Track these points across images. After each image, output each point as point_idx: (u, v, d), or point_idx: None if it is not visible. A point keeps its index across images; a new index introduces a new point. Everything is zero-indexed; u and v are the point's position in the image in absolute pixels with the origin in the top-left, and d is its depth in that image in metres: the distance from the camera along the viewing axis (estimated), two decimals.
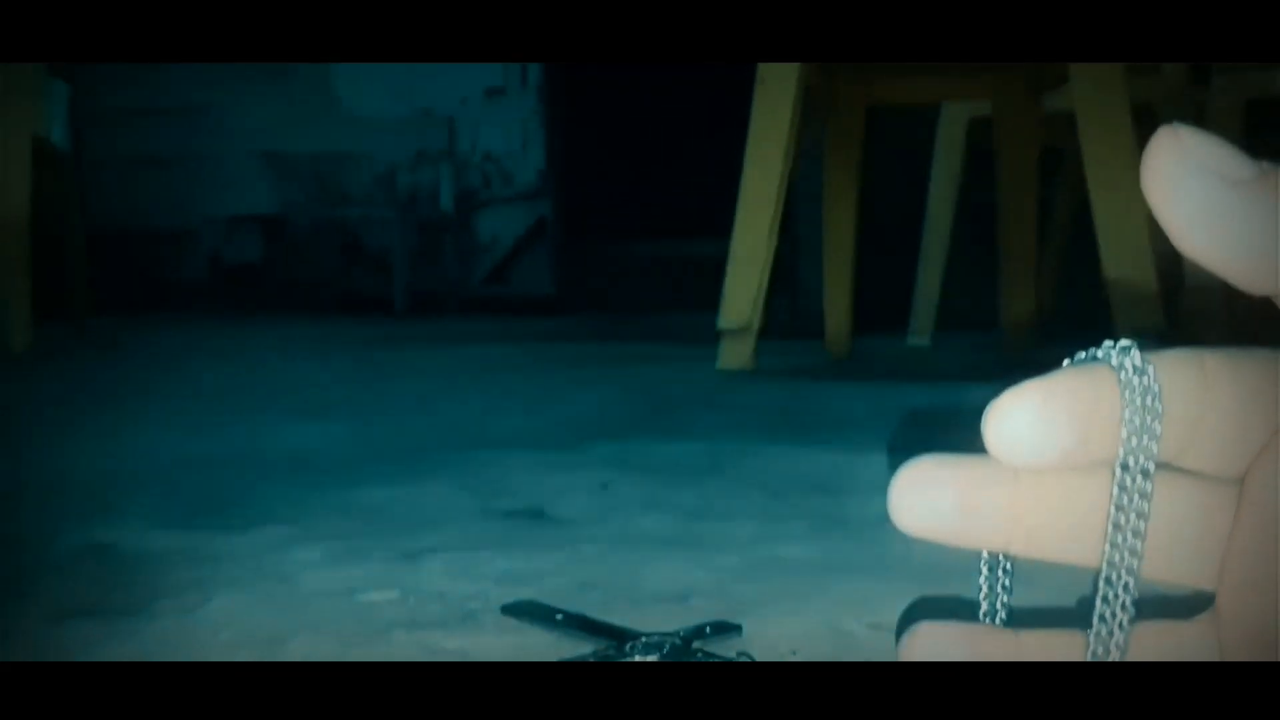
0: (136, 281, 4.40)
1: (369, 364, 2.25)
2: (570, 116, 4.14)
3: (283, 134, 4.28)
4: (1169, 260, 1.69)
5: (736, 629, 0.60)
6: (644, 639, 0.57)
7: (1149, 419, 0.22)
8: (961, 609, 0.25)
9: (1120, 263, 1.67)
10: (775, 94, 1.77)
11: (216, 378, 2.01)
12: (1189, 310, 1.96)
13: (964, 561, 0.25)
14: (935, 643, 0.24)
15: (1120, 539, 0.23)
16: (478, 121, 4.11)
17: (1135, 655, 0.23)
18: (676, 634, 0.58)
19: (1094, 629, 0.23)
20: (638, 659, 0.55)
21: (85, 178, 4.50)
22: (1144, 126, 1.63)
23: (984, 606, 0.25)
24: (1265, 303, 0.22)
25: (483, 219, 4.15)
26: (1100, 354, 0.23)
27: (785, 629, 0.61)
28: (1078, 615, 0.24)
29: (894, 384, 1.82)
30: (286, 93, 4.34)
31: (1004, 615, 0.25)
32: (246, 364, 2.26)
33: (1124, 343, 0.23)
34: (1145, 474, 0.23)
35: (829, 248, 2.19)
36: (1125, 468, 0.23)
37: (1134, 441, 0.22)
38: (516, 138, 4.08)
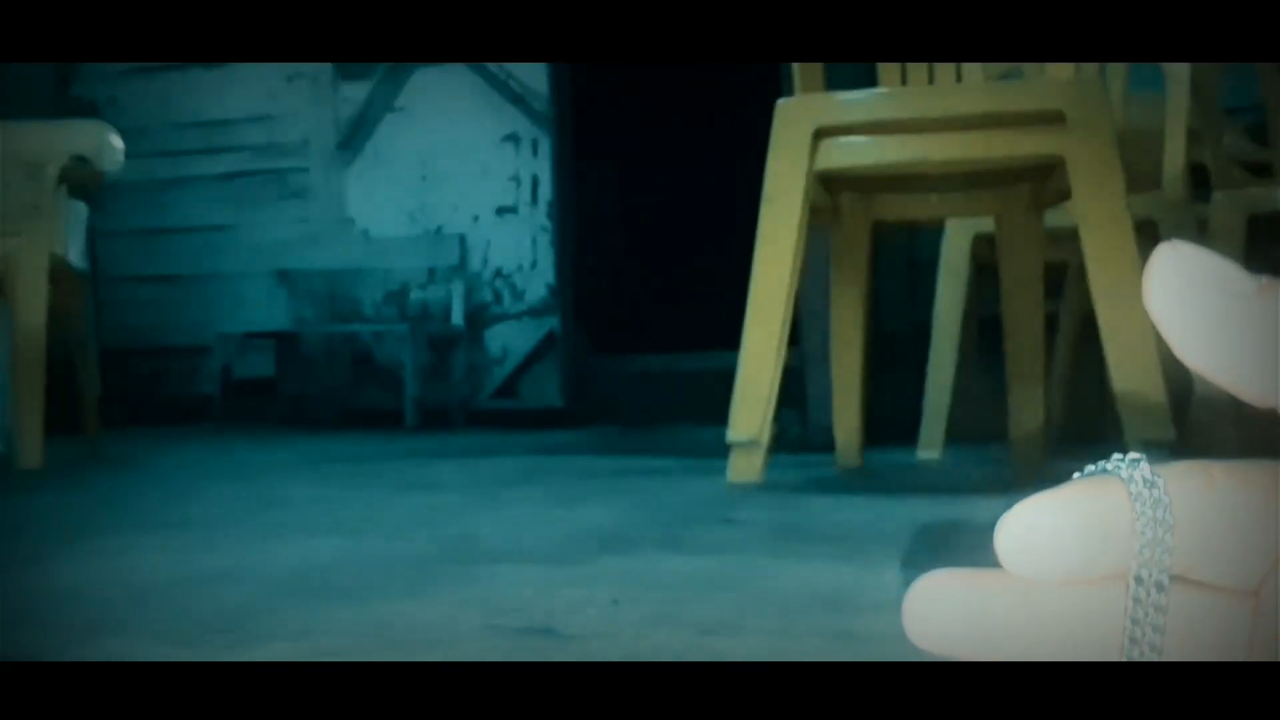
0: (148, 397, 4.43)
1: (378, 479, 2.25)
2: (579, 233, 4.21)
3: (297, 252, 4.35)
4: (1177, 371, 1.70)
5: None
6: None
7: (1161, 531, 0.23)
8: None
9: (1128, 376, 1.67)
10: (781, 211, 1.80)
11: (226, 494, 2.01)
12: (1199, 422, 1.96)
13: None
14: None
15: (1136, 652, 0.23)
16: (489, 239, 4.18)
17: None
18: None
19: None
20: None
21: (101, 295, 4.56)
22: (1147, 241, 1.66)
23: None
24: (1273, 414, 0.23)
25: (493, 333, 4.19)
26: (1110, 467, 0.23)
27: None
28: None
29: (905, 497, 1.81)
30: (302, 212, 4.43)
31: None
32: (256, 480, 2.26)
33: (1134, 455, 0.23)
34: (1159, 587, 0.23)
35: (837, 361, 2.21)
36: (1139, 580, 0.23)
37: (1147, 554, 0.23)
38: (527, 254, 4.14)
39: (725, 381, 1.83)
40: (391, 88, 4.30)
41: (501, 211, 4.16)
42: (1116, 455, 0.24)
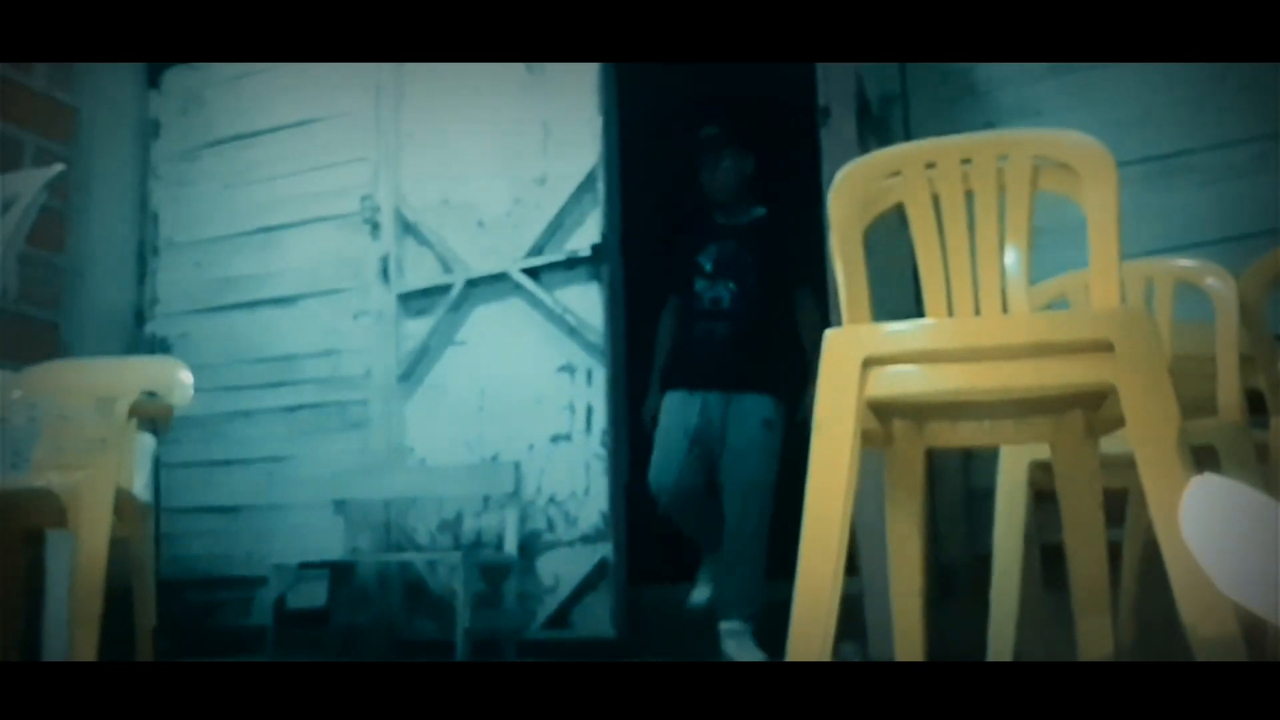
0: (201, 629, 4.41)
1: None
2: (632, 459, 4.23)
3: (355, 482, 4.40)
4: None
5: None
6: None
7: None
8: None
9: (1195, 603, 1.62)
10: (833, 438, 1.80)
11: None
12: None
13: None
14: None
15: None
16: (543, 466, 4.21)
17: None
18: None
19: None
20: None
21: (162, 527, 4.63)
22: (1207, 468, 1.63)
23: None
24: None
25: (545, 561, 4.16)
26: None
27: None
28: None
29: None
30: (361, 443, 4.51)
31: None
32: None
33: None
34: None
35: (896, 590, 2.16)
36: None
37: None
38: (580, 481, 4.15)
39: (782, 612, 1.79)
40: (453, 322, 4.45)
41: (556, 439, 4.21)
42: None
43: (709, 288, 3.92)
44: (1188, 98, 3.37)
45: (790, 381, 3.79)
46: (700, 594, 3.92)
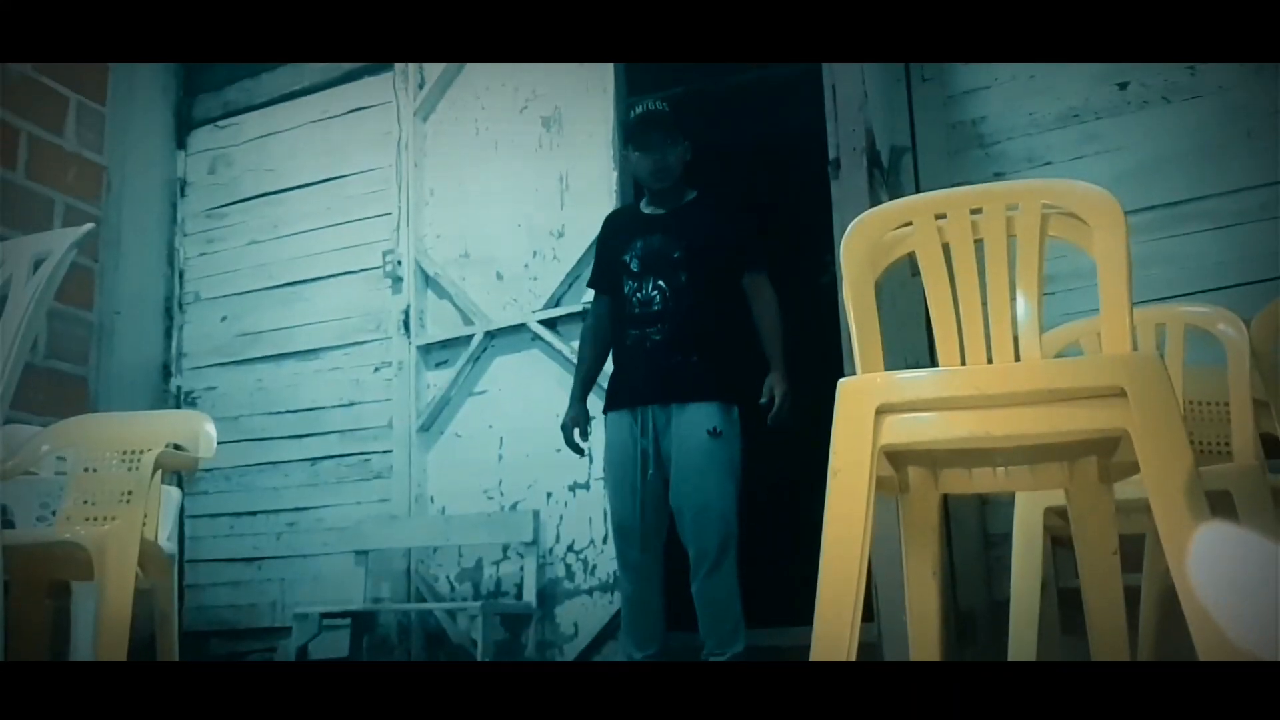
0: None
1: None
2: None
3: (376, 532, 4.43)
4: None
5: None
6: None
7: None
8: None
9: (1213, 649, 1.62)
10: (848, 485, 1.82)
11: None
12: None
13: None
14: None
15: None
16: (562, 515, 4.22)
17: None
18: None
19: None
20: None
21: (186, 577, 4.66)
22: (1224, 513, 1.64)
23: None
24: None
25: (565, 610, 4.16)
26: None
27: None
28: None
29: None
30: (382, 492, 4.54)
31: None
32: None
33: None
34: None
35: (915, 638, 2.16)
36: None
37: None
38: (599, 529, 4.16)
39: (768, 658, 1.80)
40: (473, 373, 4.49)
41: (574, 488, 4.22)
42: None
43: (637, 289, 3.44)
44: (1196, 146, 3.41)
45: (742, 382, 3.40)
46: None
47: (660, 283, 3.41)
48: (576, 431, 3.55)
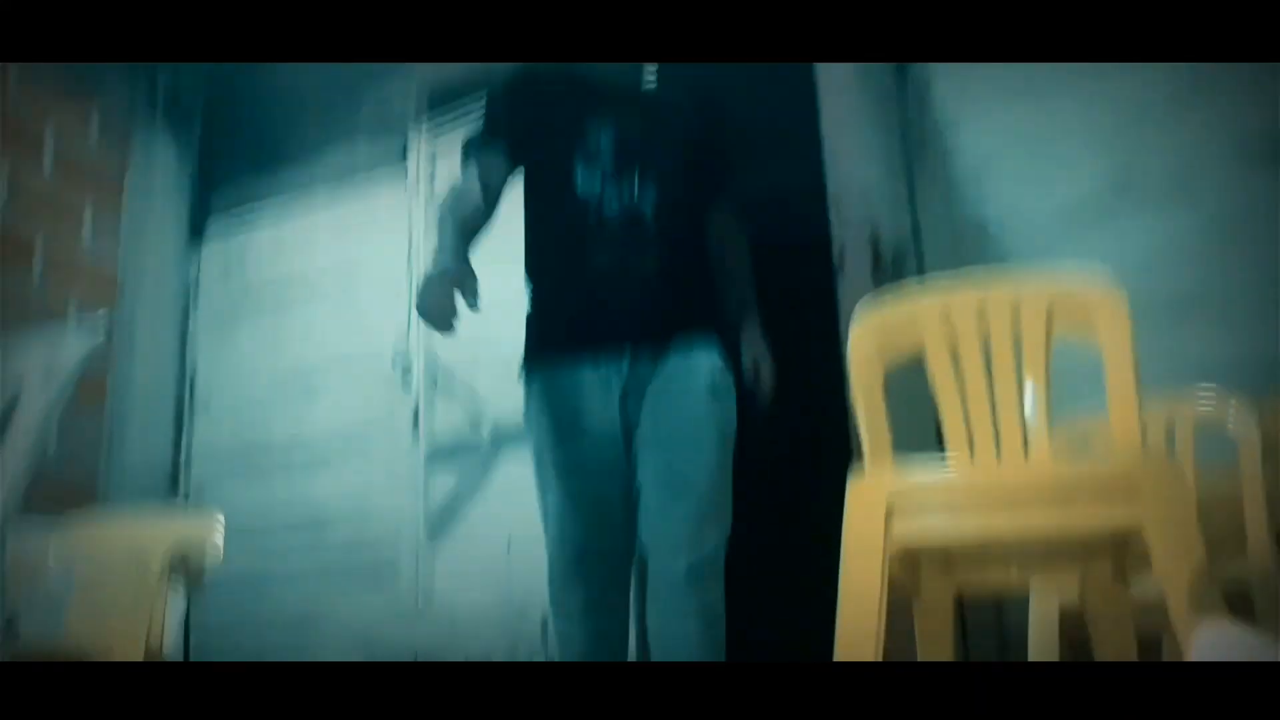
0: None
1: None
2: None
3: (382, 636, 4.37)
4: None
5: None
6: None
7: None
8: None
9: None
10: (859, 583, 1.80)
11: None
12: None
13: None
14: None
15: None
16: None
17: None
18: None
19: None
20: None
21: None
22: (1240, 608, 1.62)
23: None
24: None
25: None
26: None
27: None
28: None
29: None
30: (390, 596, 4.50)
31: None
32: None
33: None
34: None
35: None
36: None
37: None
38: None
39: None
40: (481, 475, 4.48)
41: None
42: None
43: (614, 188, 2.39)
44: (1202, 235, 3.42)
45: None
46: None
47: (647, 186, 2.45)
48: (459, 294, 2.30)
